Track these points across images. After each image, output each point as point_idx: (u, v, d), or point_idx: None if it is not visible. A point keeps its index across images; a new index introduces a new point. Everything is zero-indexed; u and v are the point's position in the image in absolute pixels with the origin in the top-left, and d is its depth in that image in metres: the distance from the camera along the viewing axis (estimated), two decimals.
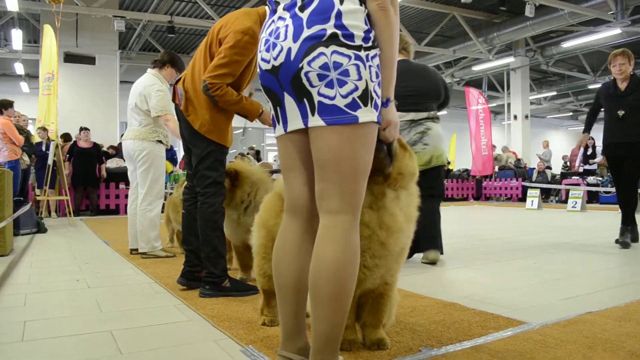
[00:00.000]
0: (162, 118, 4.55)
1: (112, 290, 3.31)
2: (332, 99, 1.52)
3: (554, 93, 23.09)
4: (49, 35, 10.11)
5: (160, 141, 4.68)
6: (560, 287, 3.23)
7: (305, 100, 1.56)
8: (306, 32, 1.53)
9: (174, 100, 3.28)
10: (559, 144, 26.75)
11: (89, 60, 13.34)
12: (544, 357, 1.92)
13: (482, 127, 15.62)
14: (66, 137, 10.89)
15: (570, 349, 2.00)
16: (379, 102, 1.58)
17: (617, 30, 13.53)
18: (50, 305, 2.93)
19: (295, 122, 1.62)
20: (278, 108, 1.67)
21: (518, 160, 16.56)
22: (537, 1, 11.96)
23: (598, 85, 20.68)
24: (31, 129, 10.78)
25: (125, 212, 5.18)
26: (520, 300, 2.87)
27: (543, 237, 6.02)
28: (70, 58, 13.08)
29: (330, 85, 1.51)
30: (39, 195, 9.22)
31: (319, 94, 1.53)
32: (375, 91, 1.56)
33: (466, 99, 16.28)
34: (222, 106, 2.96)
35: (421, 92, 4.13)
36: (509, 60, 17.30)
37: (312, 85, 1.53)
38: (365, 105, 1.53)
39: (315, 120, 1.55)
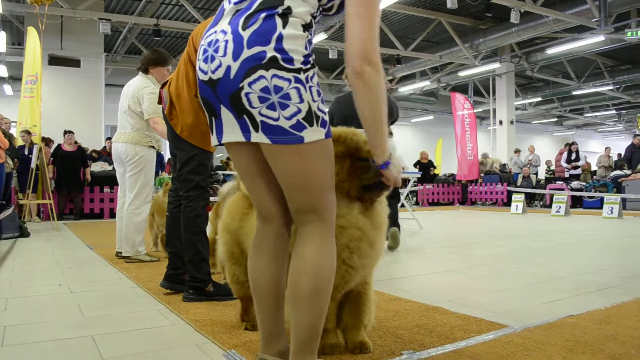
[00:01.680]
0: (151, 121, 4.51)
1: (94, 295, 3.28)
2: (276, 120, 1.51)
3: (539, 99, 23.38)
4: (32, 38, 10.02)
5: (152, 146, 4.66)
6: (542, 291, 3.27)
7: (245, 116, 1.54)
8: (246, 53, 1.50)
9: (159, 103, 3.28)
10: (544, 149, 27.06)
11: (74, 63, 13.24)
12: None
13: (468, 132, 15.76)
14: (46, 141, 10.68)
15: (551, 352, 2.02)
16: (326, 118, 1.58)
17: (601, 37, 13.74)
18: (31, 310, 2.90)
19: (233, 134, 1.60)
20: (213, 118, 1.66)
21: (503, 165, 16.70)
22: (523, 8, 12.11)
23: (582, 92, 20.83)
24: (13, 131, 10.63)
25: (110, 216, 5.13)
26: (503, 304, 2.89)
27: (527, 242, 6.07)
28: (54, 61, 12.97)
29: (272, 107, 1.50)
30: (21, 199, 9.10)
31: (261, 114, 1.51)
32: (319, 109, 1.56)
33: (452, 105, 16.42)
34: None
35: None
36: (495, 66, 17.48)
37: (252, 106, 1.51)
38: (311, 125, 1.53)
39: (260, 137, 1.54)
